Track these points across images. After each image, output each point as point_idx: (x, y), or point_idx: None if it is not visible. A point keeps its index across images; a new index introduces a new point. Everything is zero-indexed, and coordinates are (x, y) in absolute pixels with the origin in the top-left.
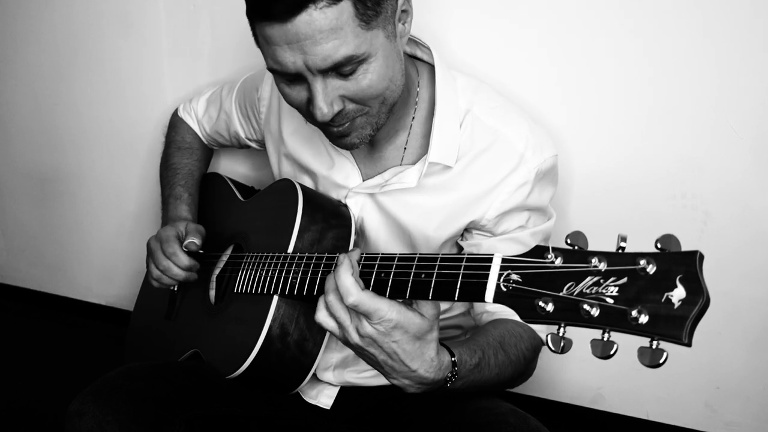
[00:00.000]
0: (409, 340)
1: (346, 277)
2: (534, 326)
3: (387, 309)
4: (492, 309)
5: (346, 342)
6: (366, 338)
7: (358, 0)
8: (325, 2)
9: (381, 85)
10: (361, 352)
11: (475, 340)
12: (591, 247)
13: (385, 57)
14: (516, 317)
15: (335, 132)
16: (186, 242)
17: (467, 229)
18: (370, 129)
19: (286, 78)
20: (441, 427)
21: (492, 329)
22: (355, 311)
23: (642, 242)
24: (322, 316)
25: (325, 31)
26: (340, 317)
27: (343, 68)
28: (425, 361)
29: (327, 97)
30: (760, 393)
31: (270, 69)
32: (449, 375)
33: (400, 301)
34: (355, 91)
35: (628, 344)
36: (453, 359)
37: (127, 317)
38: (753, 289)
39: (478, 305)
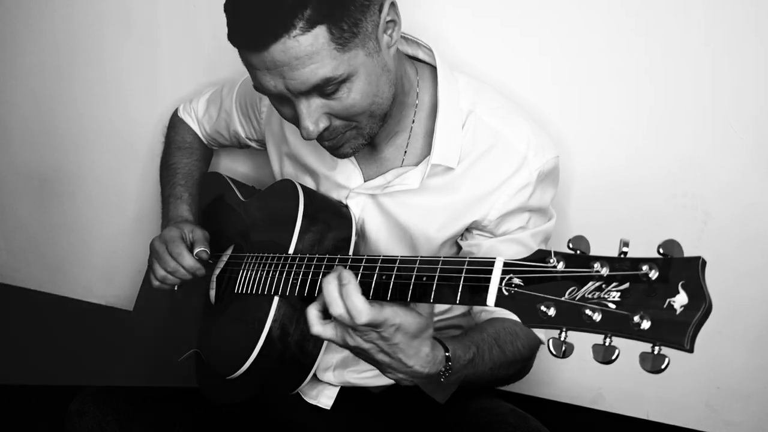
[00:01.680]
0: (409, 340)
1: (357, 298)
2: (535, 330)
3: (392, 316)
4: (491, 309)
5: (345, 344)
6: (368, 342)
7: (333, 25)
8: (299, 31)
9: (365, 101)
10: (358, 352)
11: (470, 336)
12: (593, 251)
13: (368, 74)
14: (515, 318)
15: (326, 146)
16: (197, 251)
17: (467, 229)
18: (363, 139)
19: (273, 97)
20: (441, 427)
21: (488, 326)
22: None
23: (642, 241)
24: (317, 330)
25: (301, 57)
26: (348, 328)
27: (324, 89)
28: (421, 357)
29: (311, 116)
30: (760, 393)
31: (256, 89)
32: (443, 369)
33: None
34: (339, 110)
35: (628, 344)
36: (447, 354)
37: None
38: (753, 288)
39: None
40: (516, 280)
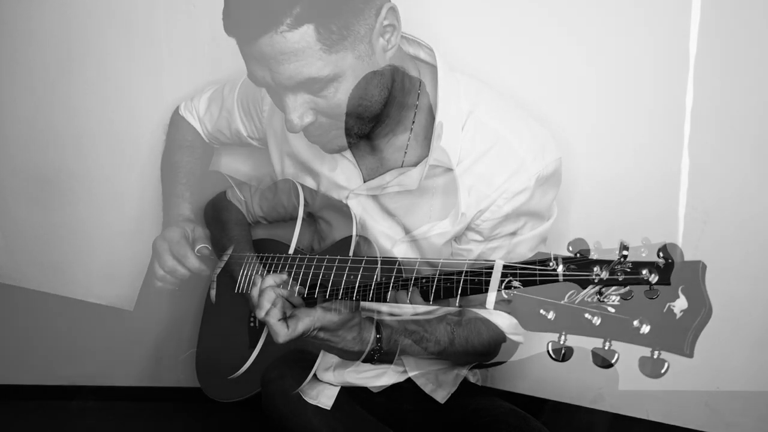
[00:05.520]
0: (332, 334)
1: (274, 322)
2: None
3: (311, 324)
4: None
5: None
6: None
7: (321, 25)
8: (285, 27)
9: (351, 103)
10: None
11: (423, 324)
12: (593, 255)
13: (356, 77)
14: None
15: (313, 140)
16: (198, 248)
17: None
18: (351, 138)
19: (265, 86)
20: (441, 427)
21: (449, 317)
22: None
23: (642, 242)
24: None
25: (287, 53)
26: None
27: (310, 86)
28: (348, 341)
29: (297, 110)
30: (760, 393)
31: (249, 77)
32: (373, 347)
33: (322, 306)
34: (325, 108)
35: (629, 345)
36: (378, 336)
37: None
38: (753, 289)
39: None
40: (515, 283)
